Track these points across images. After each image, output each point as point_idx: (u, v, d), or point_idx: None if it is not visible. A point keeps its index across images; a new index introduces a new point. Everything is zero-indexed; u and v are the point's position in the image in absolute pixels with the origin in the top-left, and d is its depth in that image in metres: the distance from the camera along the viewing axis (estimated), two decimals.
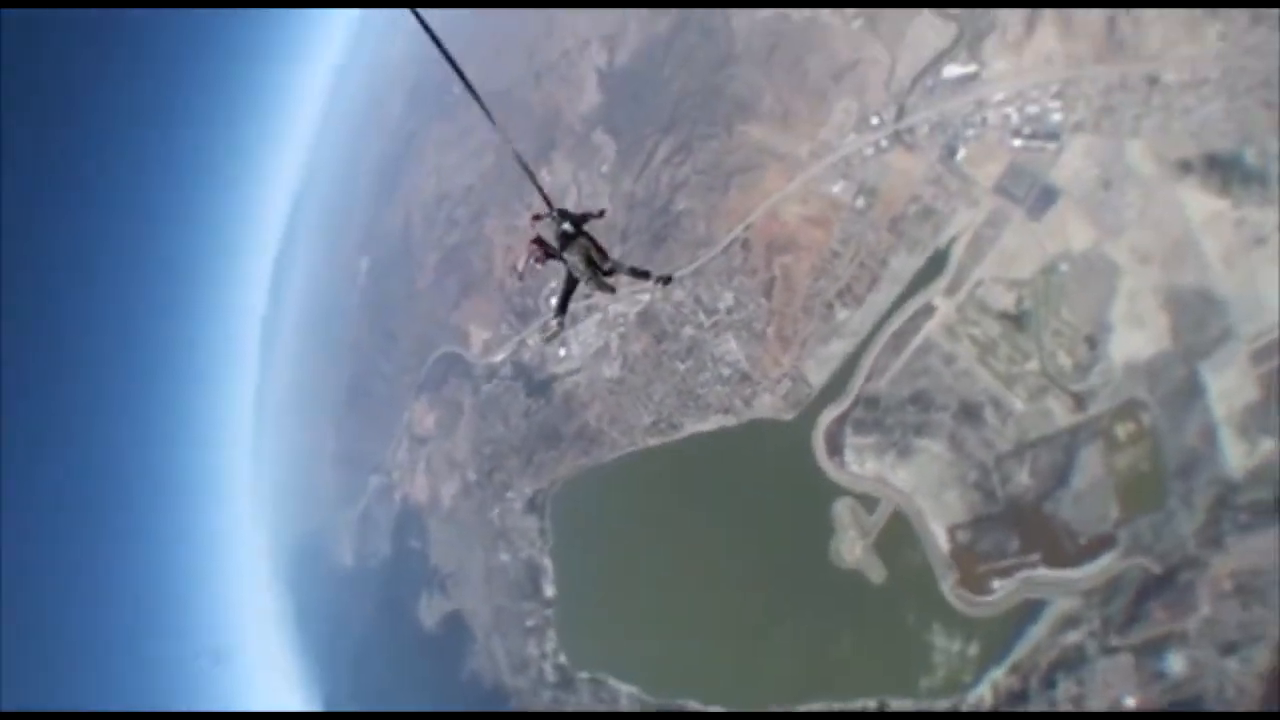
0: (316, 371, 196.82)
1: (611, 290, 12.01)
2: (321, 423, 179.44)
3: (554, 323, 13.26)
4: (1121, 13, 60.16)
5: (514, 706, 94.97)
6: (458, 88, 11.78)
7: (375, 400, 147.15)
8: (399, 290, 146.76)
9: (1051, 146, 61.99)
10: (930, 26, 70.91)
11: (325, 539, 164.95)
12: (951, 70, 68.29)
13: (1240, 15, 54.35)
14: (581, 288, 11.92)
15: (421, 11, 9.45)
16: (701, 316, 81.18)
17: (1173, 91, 57.21)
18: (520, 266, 11.54)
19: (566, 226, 11.03)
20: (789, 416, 72.71)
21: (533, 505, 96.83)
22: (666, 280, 12.77)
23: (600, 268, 11.35)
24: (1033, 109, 63.35)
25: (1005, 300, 61.95)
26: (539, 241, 11.18)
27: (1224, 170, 54.16)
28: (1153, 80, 58.05)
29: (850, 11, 77.12)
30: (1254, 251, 52.37)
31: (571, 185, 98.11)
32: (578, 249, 11.12)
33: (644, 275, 12.24)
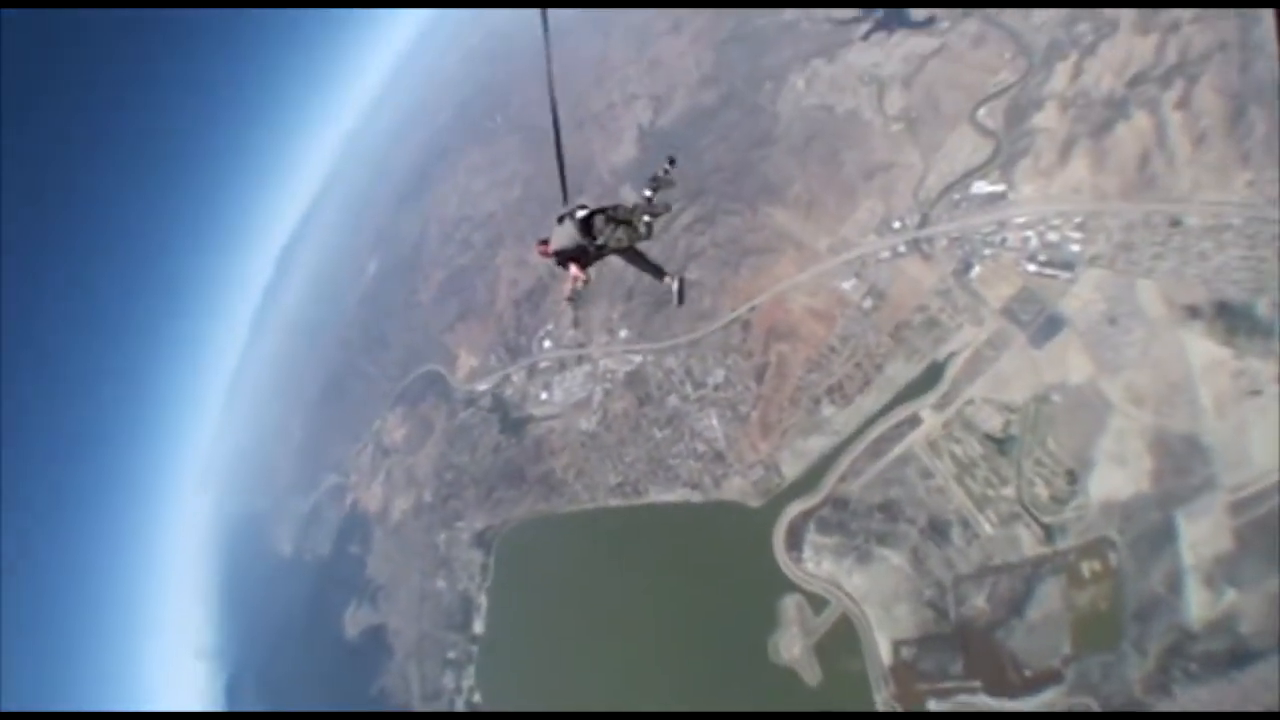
0: (302, 355, 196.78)
1: (649, 231, 11.07)
2: (294, 407, 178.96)
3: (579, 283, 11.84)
4: (1156, 150, 60.64)
5: None
6: (500, 116, 11.46)
7: (351, 400, 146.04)
8: (399, 298, 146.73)
9: (1065, 276, 61.70)
10: (968, 140, 71.83)
11: (269, 523, 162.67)
12: (981, 187, 68.63)
13: (1270, 165, 54.49)
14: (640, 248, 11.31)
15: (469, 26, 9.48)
16: (689, 388, 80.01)
17: (1193, 235, 57.17)
18: (568, 291, 11.24)
19: (581, 212, 10.71)
20: (755, 503, 71.01)
21: (480, 540, 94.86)
22: (680, 287, 11.84)
23: (633, 222, 10.88)
24: (1053, 236, 63.29)
25: (993, 422, 61.05)
26: (559, 257, 10.92)
27: (1232, 319, 53.83)
28: (1175, 222, 58.14)
29: (893, 113, 78.68)
30: (1248, 402, 51.66)
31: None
32: (604, 227, 10.76)
33: (658, 272, 11.75)
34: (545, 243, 11.03)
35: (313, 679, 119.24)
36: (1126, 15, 67.08)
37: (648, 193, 11.07)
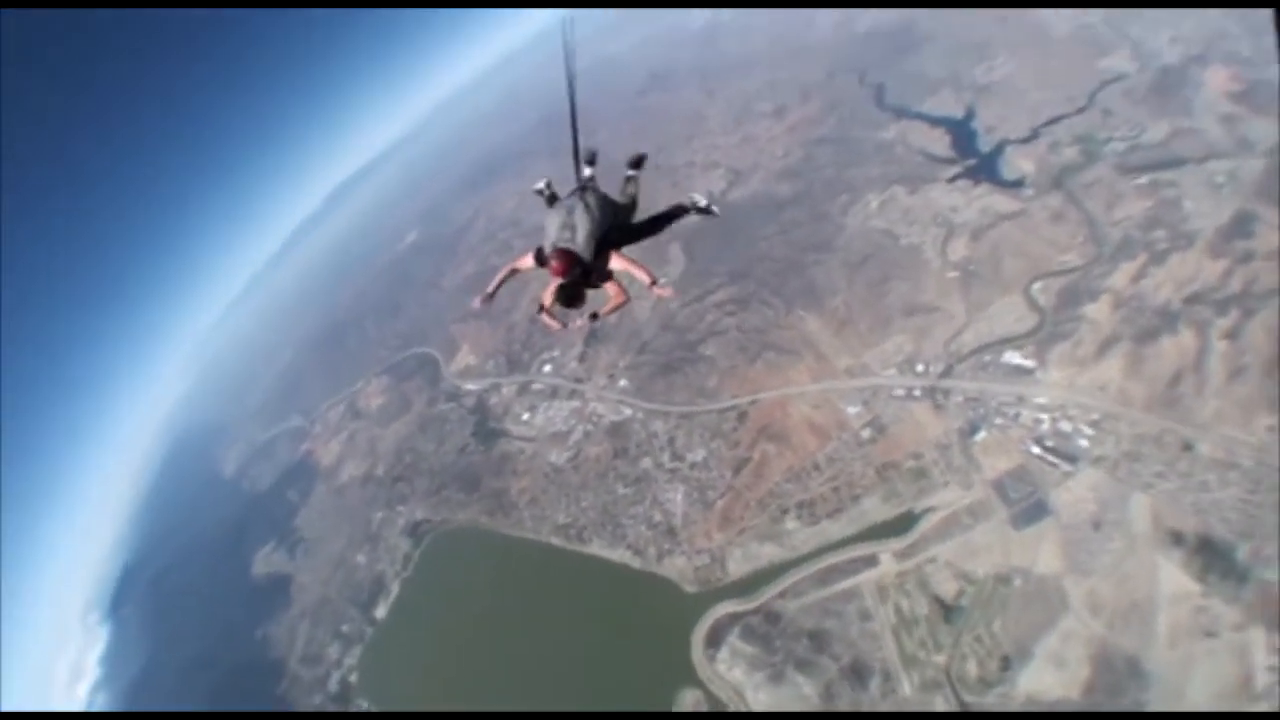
0: (319, 289, 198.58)
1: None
2: (292, 335, 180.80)
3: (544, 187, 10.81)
4: (1191, 372, 60.20)
5: (283, 689, 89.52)
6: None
7: (344, 351, 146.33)
8: (425, 275, 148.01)
9: (1065, 468, 60.20)
10: (1015, 308, 71.08)
11: (223, 438, 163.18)
12: (1012, 357, 67.71)
13: None
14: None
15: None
16: (666, 457, 78.27)
17: (1201, 463, 56.02)
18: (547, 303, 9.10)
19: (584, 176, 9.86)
20: (690, 589, 68.52)
21: (414, 530, 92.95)
22: (709, 204, 10.24)
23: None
24: (1065, 426, 62.00)
25: (948, 587, 58.88)
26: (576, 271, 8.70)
27: (1211, 556, 52.34)
28: (1188, 446, 57.03)
29: (953, 259, 78.42)
30: (1202, 642, 49.72)
31: (634, 295, 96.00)
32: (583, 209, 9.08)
33: (678, 211, 10.24)
34: (566, 257, 8.49)
35: (204, 601, 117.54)
36: (1204, 234, 67.55)
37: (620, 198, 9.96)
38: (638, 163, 10.66)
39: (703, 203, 10.10)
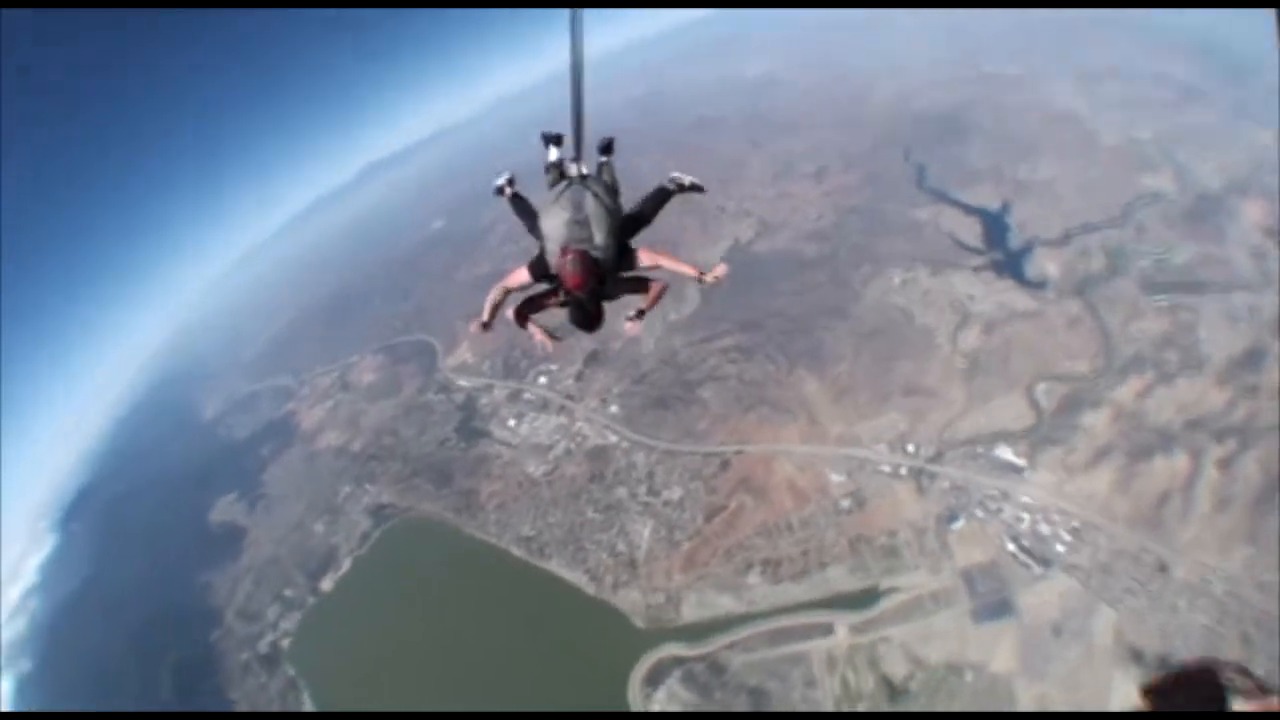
0: (330, 261, 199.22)
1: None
2: (298, 296, 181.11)
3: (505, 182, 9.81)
4: (1179, 495, 60.29)
5: (214, 638, 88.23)
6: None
7: (346, 322, 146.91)
8: (441, 266, 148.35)
9: (1037, 570, 59.54)
10: (1015, 406, 70.92)
11: (207, 383, 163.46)
12: (1004, 452, 67.29)
13: (1273, 554, 53.81)
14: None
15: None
16: (642, 490, 77.38)
17: (1173, 586, 55.90)
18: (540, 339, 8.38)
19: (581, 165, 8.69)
20: (640, 624, 67.33)
21: (377, 511, 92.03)
22: (695, 188, 8.87)
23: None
24: (1045, 529, 61.33)
25: (898, 669, 57.80)
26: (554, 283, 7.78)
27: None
28: (1163, 567, 56.91)
29: (962, 348, 78.20)
30: None
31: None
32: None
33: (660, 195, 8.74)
34: (585, 264, 7.33)
35: (155, 535, 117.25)
36: (1215, 361, 68.57)
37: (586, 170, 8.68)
38: (607, 147, 9.32)
39: (687, 180, 8.81)
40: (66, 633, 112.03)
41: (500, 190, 9.63)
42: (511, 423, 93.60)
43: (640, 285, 8.12)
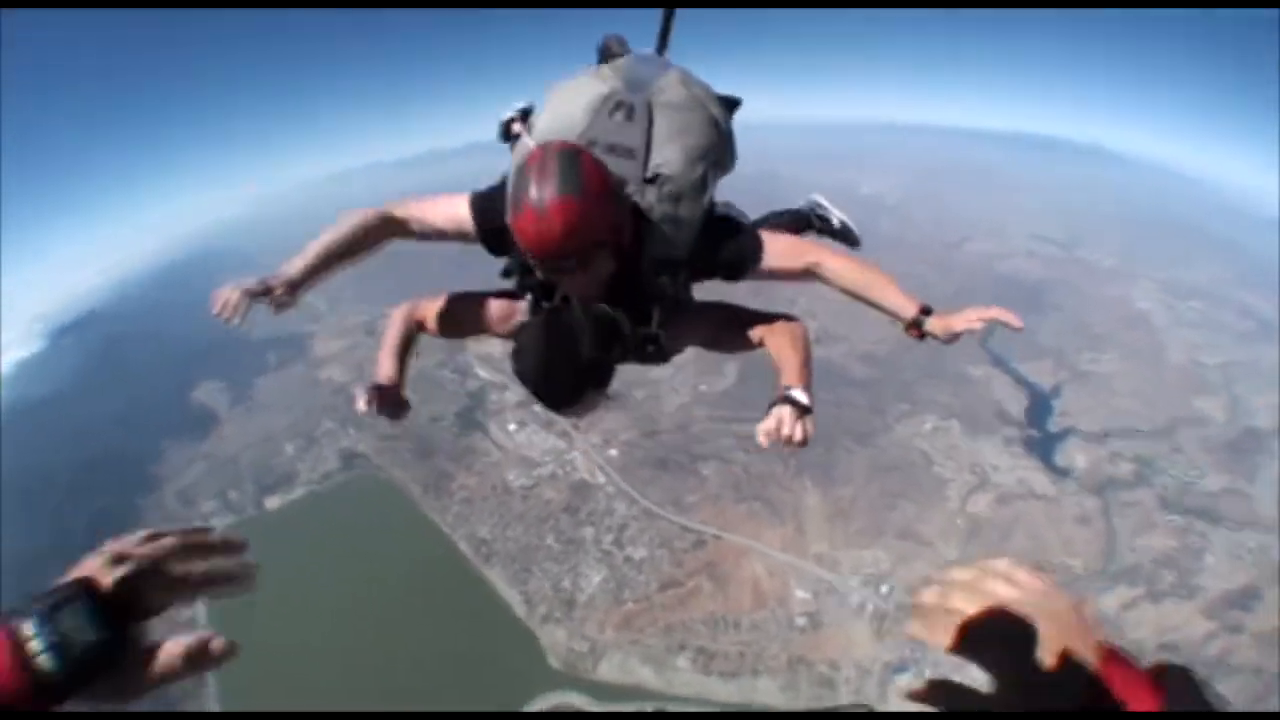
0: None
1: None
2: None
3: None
4: None
5: (143, 504, 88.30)
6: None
7: (399, 273, 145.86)
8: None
9: None
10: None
11: (244, 272, 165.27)
12: None
13: None
14: None
15: None
16: (608, 539, 75.99)
17: None
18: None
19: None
20: (553, 663, 66.09)
21: (349, 457, 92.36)
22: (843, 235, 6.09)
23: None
24: None
25: None
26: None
27: None
28: None
29: (969, 510, 76.63)
30: None
31: (671, 386, 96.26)
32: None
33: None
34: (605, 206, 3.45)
35: (132, 382, 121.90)
36: (1209, 592, 67.74)
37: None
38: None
39: (836, 218, 6.08)
40: (10, 432, 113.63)
41: (508, 131, 4.26)
42: (511, 427, 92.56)
43: (735, 326, 4.23)
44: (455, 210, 4.19)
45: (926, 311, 4.06)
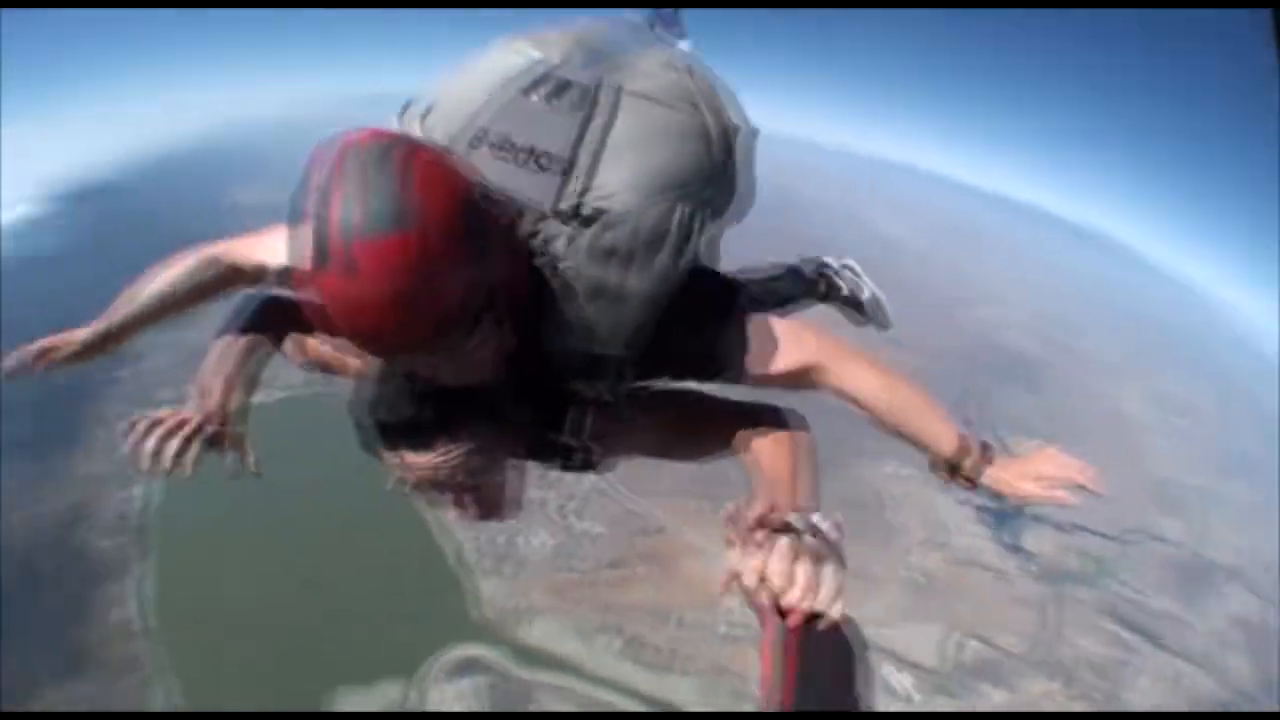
0: None
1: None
2: None
3: None
4: None
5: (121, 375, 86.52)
6: None
7: None
8: None
9: None
10: (929, 641, 69.40)
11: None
12: (891, 672, 65.25)
13: None
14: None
15: None
16: (570, 506, 76.30)
17: None
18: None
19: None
20: (483, 615, 66.43)
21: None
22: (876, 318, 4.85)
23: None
24: None
25: None
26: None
27: None
28: None
29: (918, 564, 77.33)
30: None
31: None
32: None
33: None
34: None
35: (132, 260, 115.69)
36: (1125, 702, 67.74)
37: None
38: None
39: (866, 291, 4.73)
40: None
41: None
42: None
43: (702, 428, 3.10)
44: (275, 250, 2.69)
45: (980, 448, 2.91)
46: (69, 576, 71.60)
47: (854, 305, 4.62)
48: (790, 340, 2.79)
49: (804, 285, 4.40)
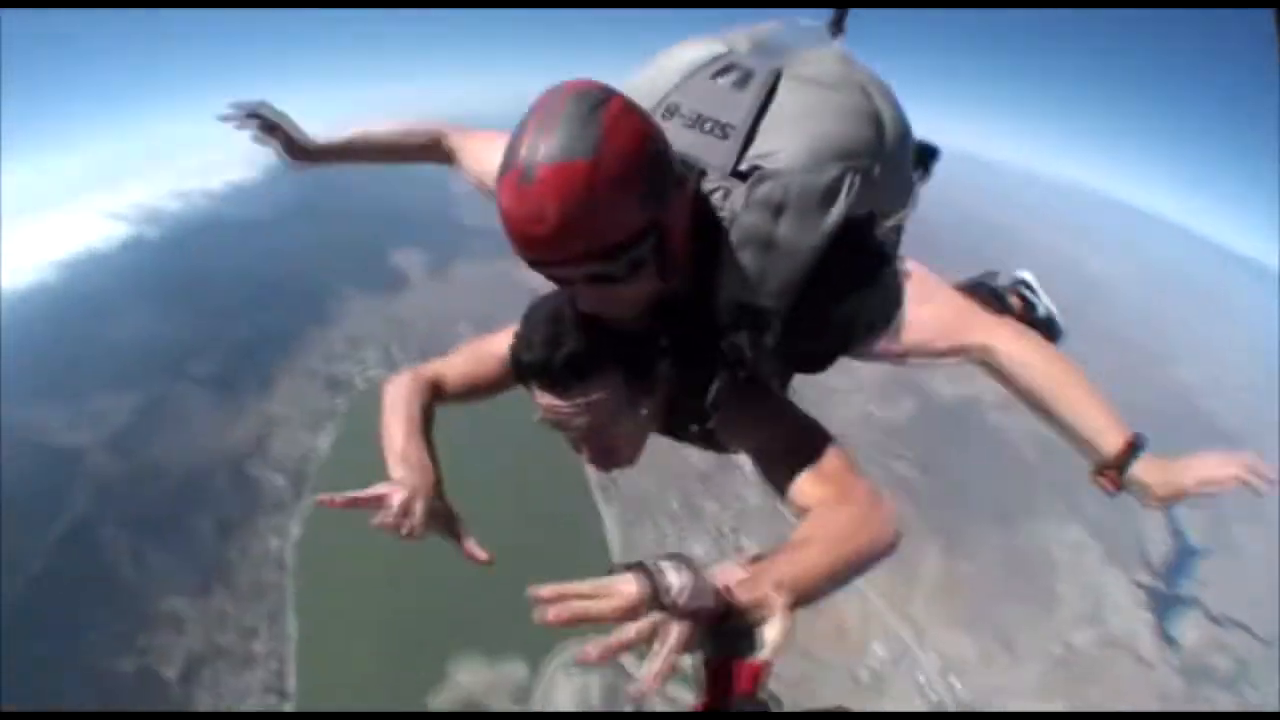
0: None
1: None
2: None
3: None
4: None
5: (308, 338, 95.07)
6: None
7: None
8: None
9: None
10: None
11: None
12: None
13: None
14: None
15: None
16: (729, 522, 78.19)
17: None
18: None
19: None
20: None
21: None
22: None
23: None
24: None
25: None
26: None
27: None
28: None
29: (1071, 640, 73.63)
30: None
31: (844, 398, 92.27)
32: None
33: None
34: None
35: (338, 229, 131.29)
36: None
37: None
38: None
39: (1041, 307, 4.26)
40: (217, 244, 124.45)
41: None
42: None
43: (793, 461, 2.75)
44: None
45: (1137, 447, 2.77)
46: (231, 501, 78.60)
47: (1044, 326, 4.16)
48: (952, 311, 2.90)
49: (991, 296, 3.96)
